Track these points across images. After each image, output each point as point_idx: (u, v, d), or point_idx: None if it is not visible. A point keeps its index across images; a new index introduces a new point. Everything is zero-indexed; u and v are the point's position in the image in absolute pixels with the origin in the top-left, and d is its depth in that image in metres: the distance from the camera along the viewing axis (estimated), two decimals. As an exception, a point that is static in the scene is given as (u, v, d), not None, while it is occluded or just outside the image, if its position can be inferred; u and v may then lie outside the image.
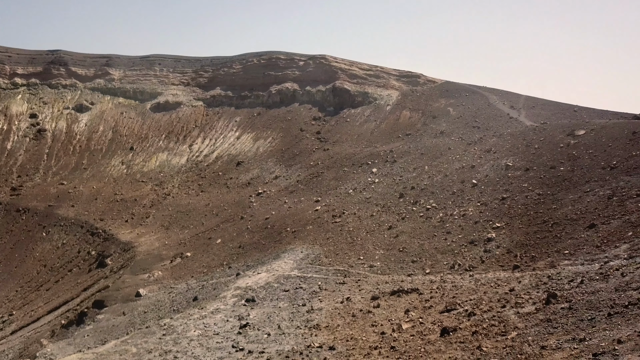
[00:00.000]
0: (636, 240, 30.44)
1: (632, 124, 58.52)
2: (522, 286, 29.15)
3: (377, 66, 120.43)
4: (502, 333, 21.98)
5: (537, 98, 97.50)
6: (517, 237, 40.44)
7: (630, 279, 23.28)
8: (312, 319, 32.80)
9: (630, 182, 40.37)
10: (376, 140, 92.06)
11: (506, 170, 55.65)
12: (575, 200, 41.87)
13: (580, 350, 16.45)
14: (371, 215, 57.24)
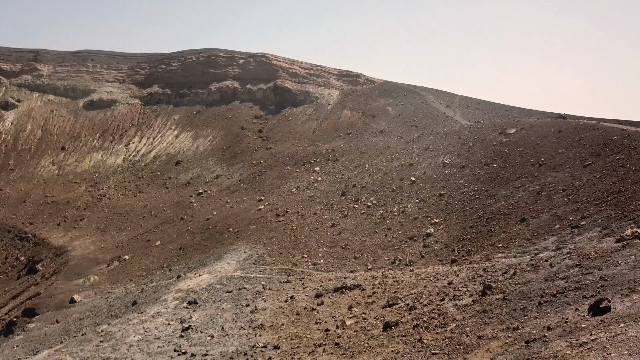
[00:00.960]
0: (563, 233, 32.34)
1: (558, 123, 62.11)
2: (459, 279, 30.30)
3: (317, 65, 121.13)
4: (441, 325, 22.74)
5: (471, 98, 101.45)
6: (454, 232, 41.95)
7: (558, 269, 24.72)
8: (256, 319, 32.63)
9: (557, 178, 42.82)
10: (318, 139, 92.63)
11: (443, 168, 57.57)
12: (508, 196, 43.94)
13: (514, 339, 17.31)
14: (314, 214, 57.59)
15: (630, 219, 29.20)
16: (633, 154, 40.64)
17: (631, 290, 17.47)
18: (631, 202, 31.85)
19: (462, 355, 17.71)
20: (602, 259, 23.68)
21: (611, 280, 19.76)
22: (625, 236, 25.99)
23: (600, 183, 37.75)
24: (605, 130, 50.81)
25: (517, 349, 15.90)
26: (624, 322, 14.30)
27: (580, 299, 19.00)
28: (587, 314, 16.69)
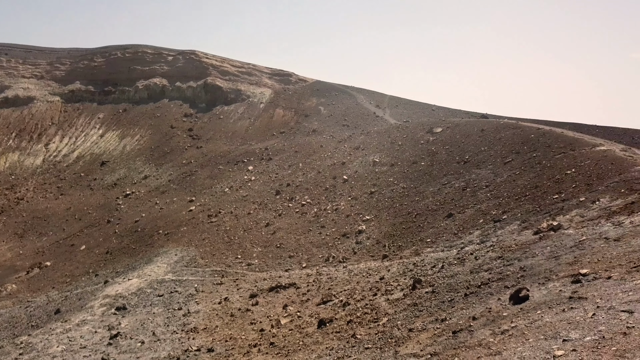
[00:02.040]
0: (486, 227, 34.08)
1: (481, 122, 65.25)
2: (391, 274, 31.17)
3: (249, 64, 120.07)
4: (374, 320, 23.32)
5: (399, 98, 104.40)
6: (385, 228, 43.07)
7: (482, 261, 26.05)
8: (189, 322, 31.95)
9: (480, 175, 45.02)
10: (251, 138, 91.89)
11: (374, 166, 58.93)
12: (435, 193, 45.68)
13: (442, 330, 18.05)
14: (248, 214, 57.13)
15: (546, 212, 31.26)
16: (548, 152, 43.48)
17: (547, 279, 18.72)
18: (547, 197, 34.10)
19: (393, 348, 18.26)
20: (521, 251, 25.20)
21: (529, 270, 21.09)
22: (541, 229, 27.82)
23: (519, 179, 40.10)
24: (523, 129, 53.99)
25: (445, 339, 16.60)
26: (540, 309, 15.31)
27: (502, 289, 20.12)
28: (508, 303, 17.70)
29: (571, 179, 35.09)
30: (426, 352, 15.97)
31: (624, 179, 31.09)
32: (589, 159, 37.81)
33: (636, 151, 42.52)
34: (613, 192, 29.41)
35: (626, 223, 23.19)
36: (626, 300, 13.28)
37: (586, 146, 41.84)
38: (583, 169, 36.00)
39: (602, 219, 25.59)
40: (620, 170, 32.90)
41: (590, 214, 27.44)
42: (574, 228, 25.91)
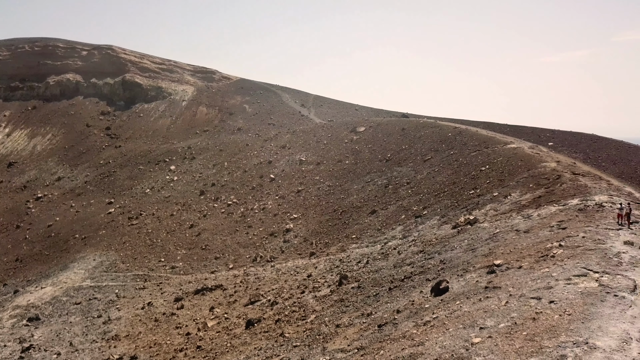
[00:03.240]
0: (408, 222, 35.34)
1: (402, 121, 67.46)
2: (318, 271, 31.53)
3: (170, 60, 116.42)
4: (302, 318, 23.51)
5: (324, 97, 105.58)
6: (312, 226, 43.48)
7: (405, 256, 27.01)
8: (110, 329, 30.61)
9: (401, 172, 46.57)
10: (173, 137, 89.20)
11: (300, 165, 59.26)
12: (359, 190, 46.72)
13: (368, 324, 18.54)
14: (171, 215, 55.49)
15: (463, 207, 32.94)
16: (464, 149, 45.78)
17: (465, 271, 19.75)
18: (463, 192, 35.92)
19: (321, 345, 18.52)
20: (441, 245, 26.40)
21: (449, 263, 22.15)
22: (459, 223, 29.29)
23: (438, 176, 41.93)
24: (441, 128, 56.43)
25: (371, 333, 17.07)
26: (459, 299, 16.14)
27: (424, 281, 20.99)
28: (429, 295, 18.50)
29: (485, 175, 37.18)
30: (353, 347, 16.35)
31: (532, 174, 33.40)
32: (501, 156, 40.24)
33: (542, 149, 45.77)
34: (523, 187, 31.51)
35: (534, 216, 24.94)
36: (535, 287, 14.31)
37: (498, 144, 44.47)
38: (496, 166, 38.26)
39: (513, 212, 27.35)
40: (529, 167, 35.31)
41: (503, 208, 29.24)
42: (489, 221, 27.51)
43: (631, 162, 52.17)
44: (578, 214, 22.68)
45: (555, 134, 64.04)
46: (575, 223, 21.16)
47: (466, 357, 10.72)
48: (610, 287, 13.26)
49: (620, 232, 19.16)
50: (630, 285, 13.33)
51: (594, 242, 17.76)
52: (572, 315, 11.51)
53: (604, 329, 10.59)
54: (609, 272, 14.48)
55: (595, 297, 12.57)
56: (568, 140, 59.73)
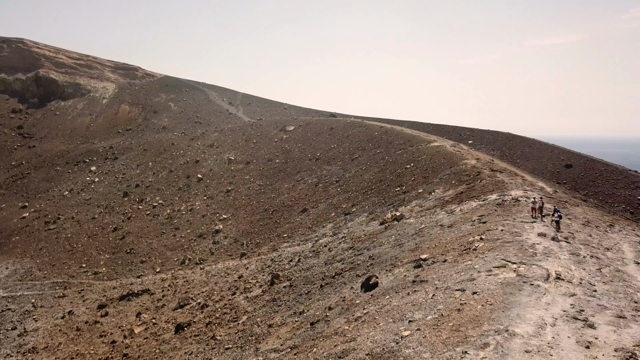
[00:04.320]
0: (338, 220, 35.86)
1: (330, 120, 68.29)
2: (249, 272, 31.26)
3: (88, 56, 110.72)
4: (234, 319, 23.22)
5: (252, 95, 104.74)
6: (242, 227, 43.02)
7: (335, 253, 27.38)
8: (27, 342, 28.71)
9: (331, 171, 47.15)
10: (93, 136, 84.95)
11: (229, 164, 58.44)
12: (290, 189, 46.80)
13: (300, 322, 18.63)
14: (93, 218, 52.86)
15: (390, 204, 33.89)
16: (390, 148, 47.09)
17: (393, 266, 20.33)
18: (390, 190, 36.96)
19: (254, 346, 18.39)
20: (370, 241, 27.01)
21: (378, 259, 22.71)
22: (386, 219, 30.11)
23: (365, 174, 42.84)
24: (368, 127, 57.70)
25: (304, 331, 17.17)
26: (388, 294, 16.59)
27: (354, 277, 21.38)
28: (360, 290, 18.87)
29: (410, 173, 38.46)
30: (286, 346, 16.37)
31: (454, 171, 34.95)
32: (425, 154, 41.77)
33: (463, 147, 48.01)
34: (446, 184, 32.90)
35: (457, 211, 26.12)
36: (459, 280, 14.99)
37: (422, 142, 46.12)
38: (420, 164, 39.67)
39: (437, 208, 28.49)
40: (451, 164, 36.92)
41: (428, 203, 30.38)
42: (414, 217, 28.49)
43: (542, 158, 55.91)
44: (497, 209, 23.99)
45: (474, 133, 67.34)
46: (494, 217, 22.37)
47: (396, 350, 11.05)
48: (527, 276, 14.16)
49: (534, 225, 20.49)
50: (544, 274, 14.30)
51: (511, 235, 18.87)
52: (493, 305, 12.17)
53: (522, 317, 11.29)
54: (525, 262, 15.44)
55: (514, 286, 13.37)
56: (486, 139, 63.01)
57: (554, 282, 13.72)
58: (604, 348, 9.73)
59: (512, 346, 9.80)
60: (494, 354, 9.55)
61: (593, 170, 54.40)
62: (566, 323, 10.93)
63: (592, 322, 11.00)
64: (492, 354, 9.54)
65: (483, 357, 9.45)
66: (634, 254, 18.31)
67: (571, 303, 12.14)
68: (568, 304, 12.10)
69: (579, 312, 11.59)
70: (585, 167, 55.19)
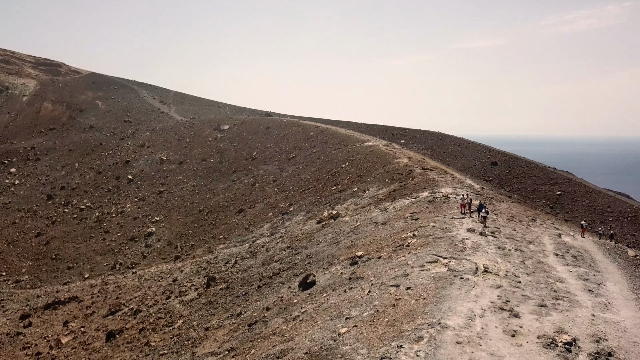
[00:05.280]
0: (275, 220, 35.78)
1: (266, 120, 68.02)
2: (184, 275, 30.56)
3: (6, 50, 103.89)
4: (169, 324, 22.62)
5: (185, 94, 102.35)
6: (176, 229, 41.96)
7: (273, 253, 27.32)
8: (-61, 359, 26.55)
9: (267, 170, 46.96)
10: (12, 136, 79.73)
11: (161, 164, 56.80)
12: (226, 189, 46.16)
13: (238, 324, 18.44)
14: (13, 223, 49.65)
15: (327, 202, 34.24)
16: (326, 147, 47.56)
17: (330, 264, 20.56)
18: (326, 189, 37.33)
19: (190, 350, 18.01)
20: (307, 240, 27.16)
21: (315, 257, 22.88)
22: (323, 218, 30.39)
23: (302, 173, 43.02)
24: (304, 127, 57.96)
25: (242, 333, 17.01)
26: (326, 292, 16.76)
27: (292, 277, 21.43)
28: (298, 289, 18.94)
29: (346, 172, 39.03)
30: (224, 348, 16.15)
31: (387, 170, 35.83)
32: (359, 153, 42.53)
33: (396, 146, 49.31)
34: (379, 182, 33.66)
35: (390, 208, 26.80)
36: (393, 275, 15.40)
37: (357, 142, 46.93)
38: (355, 163, 40.35)
39: (372, 206, 29.10)
40: (384, 163, 37.82)
41: (362, 202, 30.97)
42: (350, 215, 28.95)
43: (470, 157, 58.45)
44: (428, 206, 24.84)
45: (406, 132, 69.31)
46: (426, 214, 23.15)
47: (334, 347, 11.19)
48: (457, 270, 14.77)
49: (463, 221, 21.40)
50: (473, 268, 14.98)
51: (442, 231, 19.60)
52: (426, 299, 12.61)
53: (453, 309, 11.77)
54: (455, 257, 16.10)
55: (445, 280, 13.90)
56: (417, 138, 65.05)
57: (482, 275, 14.39)
58: (528, 336, 10.34)
59: (444, 338, 10.19)
60: (428, 346, 9.90)
61: (516, 168, 57.56)
62: (494, 314, 11.51)
63: (517, 312, 11.65)
64: (426, 347, 9.89)
65: (417, 350, 9.78)
66: (553, 246, 19.56)
67: (498, 294, 12.80)
68: (495, 295, 12.74)
69: (505, 302, 12.24)
70: (509, 164, 58.29)
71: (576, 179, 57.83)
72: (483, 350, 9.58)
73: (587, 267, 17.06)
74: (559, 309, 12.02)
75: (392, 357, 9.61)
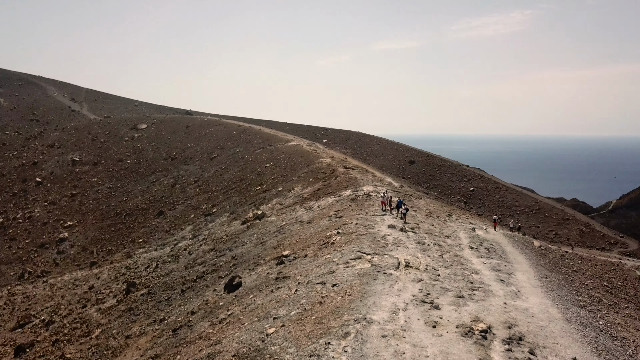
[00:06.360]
0: (198, 221, 34.99)
1: (186, 118, 66.29)
2: (101, 282, 29.13)
3: None
4: (85, 334, 21.50)
5: (98, 91, 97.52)
6: (91, 233, 39.85)
7: (196, 255, 26.74)
8: None
9: (188, 171, 45.80)
10: None
11: (73, 166, 53.69)
12: (144, 191, 44.47)
13: (161, 330, 17.89)
14: None
15: (251, 202, 33.99)
16: (249, 147, 47.15)
17: (256, 264, 20.47)
18: (251, 188, 37.05)
19: (111, 360, 17.26)
20: (232, 241, 26.83)
21: (241, 258, 22.67)
22: (248, 218, 30.14)
23: (225, 173, 42.38)
24: (226, 125, 57.12)
25: (166, 339, 16.53)
26: (252, 293, 16.68)
27: (217, 279, 21.10)
28: (223, 292, 18.69)
29: (270, 172, 38.94)
30: (147, 356, 15.63)
31: (311, 169, 36.18)
32: (283, 153, 42.58)
33: (319, 145, 49.89)
34: (304, 182, 33.92)
35: (315, 207, 27.11)
36: (320, 273, 15.61)
37: (280, 142, 46.96)
38: (279, 162, 40.37)
39: (297, 205, 29.27)
40: (308, 162, 38.16)
41: (288, 201, 31.07)
42: (275, 215, 28.95)
43: (389, 155, 60.36)
44: (351, 204, 25.39)
45: (328, 132, 70.33)
46: (349, 212, 23.65)
47: (262, 348, 11.18)
48: (380, 266, 15.24)
49: (385, 218, 22.09)
50: (395, 263, 15.53)
51: (365, 228, 20.13)
52: (352, 295, 12.91)
53: (378, 304, 12.15)
54: (378, 253, 16.60)
55: (369, 276, 14.31)
56: (339, 137, 66.22)
57: (404, 269, 14.96)
58: (448, 326, 10.90)
59: (370, 333, 10.51)
60: (354, 341, 10.16)
61: (432, 166, 60.21)
62: (416, 307, 12.02)
63: (437, 304, 12.24)
64: (353, 342, 10.14)
65: (345, 346, 10.00)
66: (468, 240, 20.70)
67: (419, 288, 13.37)
68: (417, 289, 13.30)
69: (426, 295, 12.81)
70: (426, 162, 60.86)
71: (487, 176, 61.49)
72: (407, 342, 9.98)
73: (499, 258, 18.23)
74: (475, 299, 12.77)
75: (320, 354, 9.77)
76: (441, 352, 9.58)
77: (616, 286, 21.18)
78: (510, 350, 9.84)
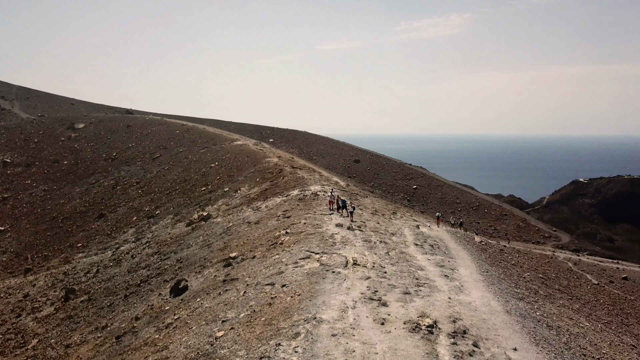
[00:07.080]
0: (140, 224, 33.97)
1: (126, 117, 64.17)
2: (37, 289, 27.74)
3: None
4: (21, 345, 20.43)
5: (31, 89, 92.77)
6: (25, 239, 37.85)
7: (140, 259, 25.95)
8: None
9: (130, 172, 44.37)
10: None
11: (4, 168, 50.81)
12: (83, 193, 42.70)
13: (104, 337, 17.25)
14: None
15: (196, 204, 33.35)
16: (193, 147, 46.25)
17: (203, 267, 20.11)
18: (195, 189, 36.34)
19: (49, 371, 16.47)
20: (177, 244, 26.23)
21: (186, 261, 22.20)
22: (193, 220, 29.55)
23: (169, 174, 41.36)
24: (169, 125, 55.76)
25: (109, 346, 15.96)
26: (199, 296, 16.39)
27: (162, 283, 20.57)
28: (169, 296, 18.25)
29: (215, 172, 38.35)
30: (89, 365, 15.04)
31: (258, 169, 35.93)
32: (229, 152, 42.04)
33: (265, 145, 49.62)
34: (251, 182, 33.64)
35: (262, 207, 26.94)
36: (268, 274, 15.54)
37: (226, 141, 46.35)
38: (225, 162, 39.82)
39: (244, 205, 28.99)
40: (255, 162, 37.86)
41: (234, 202, 30.71)
42: (222, 216, 28.54)
43: (335, 155, 60.93)
44: (299, 203, 25.43)
45: (275, 131, 70.10)
46: (297, 211, 23.68)
47: (212, 352, 11.01)
48: (329, 265, 15.36)
49: (332, 217, 22.28)
50: (344, 262, 15.69)
51: (313, 227, 20.22)
52: (301, 295, 12.93)
53: (327, 303, 12.24)
54: (326, 252, 16.72)
55: (318, 275, 14.38)
56: (286, 137, 66.15)
57: (352, 267, 15.14)
58: (395, 322, 11.13)
59: (320, 332, 10.57)
60: (305, 341, 10.19)
61: (377, 165, 61.28)
62: (364, 304, 12.19)
63: (385, 301, 12.47)
64: (303, 342, 10.17)
65: (295, 347, 10.01)
66: (413, 237, 21.21)
67: (367, 285, 13.56)
68: (365, 286, 13.49)
69: (374, 293, 13.02)
70: (370, 161, 61.85)
71: (429, 174, 63.22)
72: (356, 340, 10.11)
73: (443, 254, 18.79)
74: (421, 295, 13.11)
75: (271, 355, 9.73)
76: (390, 349, 9.76)
77: (551, 278, 22.33)
78: (455, 344, 10.16)
